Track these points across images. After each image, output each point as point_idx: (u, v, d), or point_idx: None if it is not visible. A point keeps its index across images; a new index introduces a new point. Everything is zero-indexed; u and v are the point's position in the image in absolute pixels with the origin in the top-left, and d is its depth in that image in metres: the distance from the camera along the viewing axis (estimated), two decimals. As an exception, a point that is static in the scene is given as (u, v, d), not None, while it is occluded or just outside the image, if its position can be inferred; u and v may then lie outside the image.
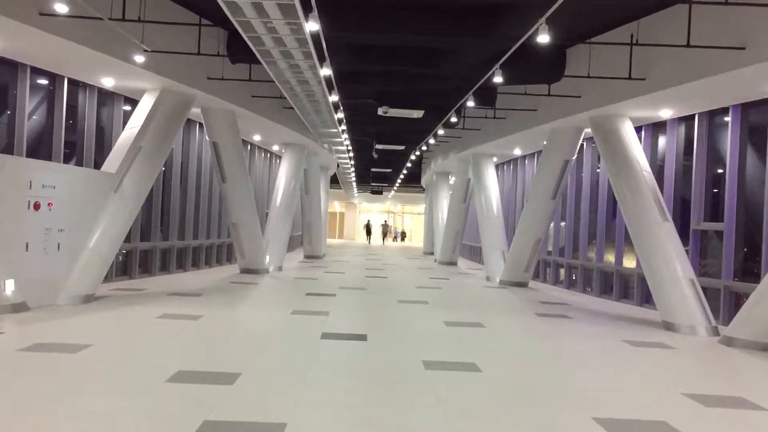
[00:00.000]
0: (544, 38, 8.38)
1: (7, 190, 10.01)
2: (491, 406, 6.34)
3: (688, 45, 9.87)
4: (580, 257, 17.92)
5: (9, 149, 12.08)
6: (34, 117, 12.96)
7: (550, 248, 20.28)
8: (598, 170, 17.40)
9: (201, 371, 6.96)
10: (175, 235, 17.77)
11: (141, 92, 13.74)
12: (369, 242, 48.25)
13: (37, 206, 10.53)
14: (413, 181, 40.72)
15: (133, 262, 15.68)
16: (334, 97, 13.92)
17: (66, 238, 11.19)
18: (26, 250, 10.34)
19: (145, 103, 13.42)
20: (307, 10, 8.02)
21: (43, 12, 9.56)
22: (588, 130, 15.40)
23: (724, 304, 12.42)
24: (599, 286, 16.83)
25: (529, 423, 5.87)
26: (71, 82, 13.41)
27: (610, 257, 16.47)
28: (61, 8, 8.73)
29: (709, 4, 9.59)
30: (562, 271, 19.26)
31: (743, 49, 9.53)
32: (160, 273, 16.91)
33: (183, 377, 6.67)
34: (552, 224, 19.15)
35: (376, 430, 5.41)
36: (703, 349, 10.17)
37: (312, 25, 8.31)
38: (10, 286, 9.88)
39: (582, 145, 17.30)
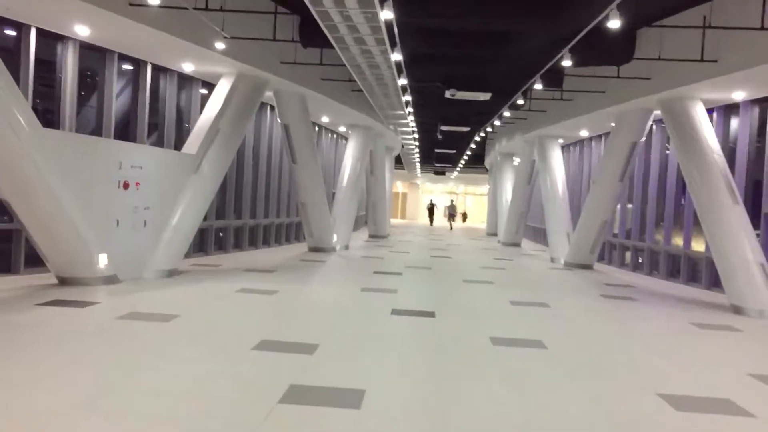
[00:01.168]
0: (615, 23, 8.49)
1: (100, 170, 10.73)
2: (556, 380, 6.64)
3: (762, 28, 9.79)
4: (647, 240, 17.83)
5: (98, 131, 12.88)
6: (120, 100, 13.71)
7: (615, 230, 20.18)
8: (667, 152, 17.22)
9: (282, 341, 7.46)
10: (248, 213, 18.49)
11: (217, 76, 14.35)
12: (431, 224, 43.61)
13: (126, 186, 11.24)
14: (477, 161, 40.70)
15: (209, 240, 16.44)
16: (402, 81, 14.23)
17: (151, 215, 11.89)
18: (117, 227, 11.08)
19: (222, 87, 14.01)
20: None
21: (133, 2, 10.17)
22: (657, 112, 15.28)
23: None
24: (666, 269, 16.74)
25: (594, 396, 6.15)
26: (154, 67, 14.12)
27: (678, 240, 16.35)
28: (154, 0, 9.27)
29: None
30: (628, 254, 19.18)
31: (821, 31, 9.40)
32: (234, 250, 17.65)
33: (266, 346, 7.19)
34: (618, 206, 19.08)
35: (447, 399, 5.78)
36: (771, 333, 10.17)
37: (386, 14, 8.64)
38: (103, 259, 10.63)
39: (651, 126, 17.14)
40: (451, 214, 42.59)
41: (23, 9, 10.49)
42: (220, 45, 11.72)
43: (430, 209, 44.36)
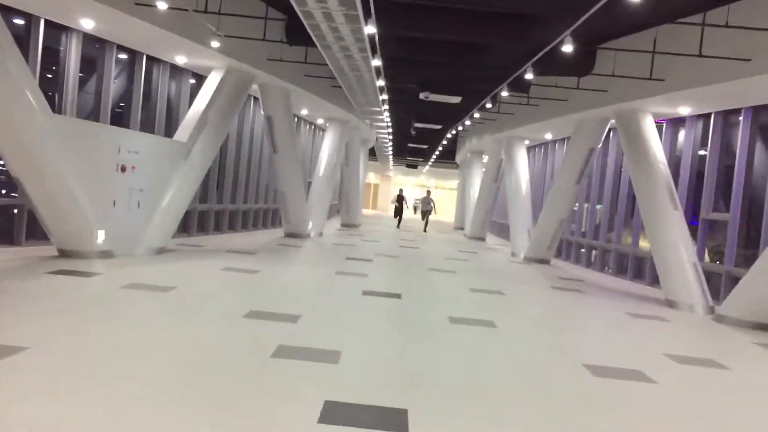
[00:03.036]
0: (568, 48, 9.73)
1: (101, 154, 11.72)
2: (501, 351, 7.90)
3: (700, 55, 11.12)
4: (600, 238, 19.27)
5: (95, 115, 13.82)
6: (114, 87, 14.63)
7: (582, 228, 21.60)
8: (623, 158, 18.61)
9: (269, 311, 8.59)
10: (228, 198, 19.51)
11: (207, 69, 15.36)
12: (398, 225, 31.47)
13: (123, 169, 12.23)
14: (448, 157, 42.04)
15: (192, 222, 17.44)
16: (381, 82, 15.38)
17: (144, 197, 12.89)
18: (114, 207, 12.07)
19: (212, 80, 15.02)
20: (367, 16, 9.48)
21: (139, 2, 11.16)
22: (613, 121, 16.64)
23: (726, 288, 13.70)
24: (616, 266, 18.19)
25: (530, 362, 7.42)
26: (148, 58, 15.07)
27: (628, 240, 17.79)
28: (162, 5, 10.28)
29: (717, 26, 10.73)
30: (583, 251, 20.62)
31: (749, 60, 10.75)
32: (214, 232, 18.67)
33: (255, 315, 8.32)
34: (587, 206, 20.56)
35: (408, 360, 6.99)
36: (695, 323, 11.57)
37: (370, 29, 9.78)
38: (101, 236, 11.63)
39: (609, 134, 18.53)
40: (424, 210, 31.40)
41: (34, 1, 11.38)
42: (215, 43, 12.71)
43: (399, 202, 32.43)
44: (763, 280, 10.99)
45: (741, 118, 13.86)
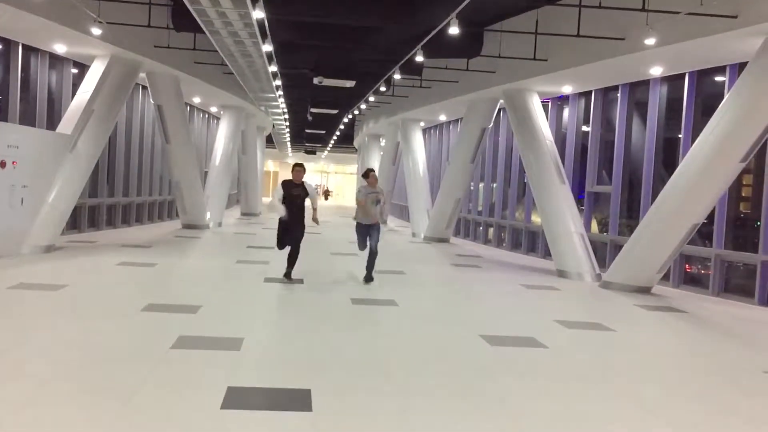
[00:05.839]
0: (454, 30, 10.00)
1: (-22, 149, 11.08)
2: (402, 328, 8.10)
3: (578, 35, 11.67)
4: (495, 215, 19.95)
5: (-31, 110, 13.03)
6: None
7: (478, 207, 22.23)
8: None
9: (168, 304, 8.44)
10: (120, 192, 18.85)
11: (90, 57, 14.73)
12: (289, 272, 10.79)
13: (3, 164, 11.61)
14: (346, 141, 42.11)
15: (82, 217, 16.75)
16: (273, 68, 15.24)
17: (29, 193, 12.29)
18: (-5, 205, 11.46)
19: (96, 69, 14.43)
20: (254, 0, 9.38)
21: (11, -12, 10.57)
22: (503, 101, 17.20)
23: (610, 256, 14.53)
24: (511, 241, 18.89)
25: (430, 337, 7.66)
26: (25, 47, 14.29)
27: (522, 216, 18.51)
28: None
29: (592, 8, 11.26)
30: (481, 229, 21.28)
31: (623, 39, 11.39)
32: (107, 227, 18.01)
33: (154, 308, 8.15)
34: (481, 185, 21.17)
35: (311, 342, 7.06)
36: (584, 290, 12.23)
37: (258, 13, 9.68)
38: (-18, 236, 11.03)
39: (500, 114, 19.15)
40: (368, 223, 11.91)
41: None
42: (96, 30, 12.20)
43: (291, 206, 10.70)
44: (641, 247, 11.74)
45: (618, 95, 14.67)
